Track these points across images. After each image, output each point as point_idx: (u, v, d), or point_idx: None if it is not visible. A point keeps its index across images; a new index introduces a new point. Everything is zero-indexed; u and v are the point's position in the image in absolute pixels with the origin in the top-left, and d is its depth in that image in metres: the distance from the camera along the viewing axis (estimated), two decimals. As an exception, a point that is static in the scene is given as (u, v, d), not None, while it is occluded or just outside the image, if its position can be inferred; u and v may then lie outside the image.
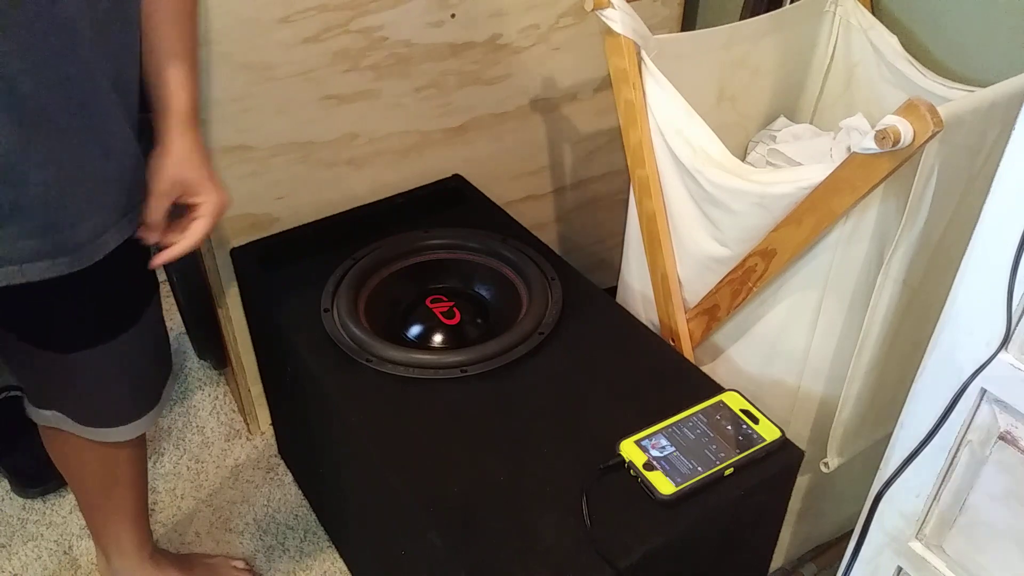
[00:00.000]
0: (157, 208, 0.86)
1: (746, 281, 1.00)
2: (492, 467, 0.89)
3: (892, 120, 0.77)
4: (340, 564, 1.30)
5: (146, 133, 0.87)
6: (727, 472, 0.86)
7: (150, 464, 1.45)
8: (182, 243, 0.88)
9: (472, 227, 1.20)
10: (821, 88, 1.28)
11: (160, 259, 0.89)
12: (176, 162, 0.86)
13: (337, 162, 1.28)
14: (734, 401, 0.93)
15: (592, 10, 1.02)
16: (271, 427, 1.49)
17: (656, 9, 1.46)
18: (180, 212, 0.89)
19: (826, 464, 1.02)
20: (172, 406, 1.56)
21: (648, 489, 0.84)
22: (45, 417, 0.98)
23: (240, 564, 1.26)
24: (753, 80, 1.23)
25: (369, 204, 1.31)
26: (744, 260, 0.99)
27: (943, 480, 0.78)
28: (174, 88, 0.85)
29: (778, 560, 1.23)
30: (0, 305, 0.84)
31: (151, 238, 0.88)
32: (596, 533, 0.81)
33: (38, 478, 1.38)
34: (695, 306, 1.10)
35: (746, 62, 1.21)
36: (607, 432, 0.90)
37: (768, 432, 0.90)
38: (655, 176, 1.07)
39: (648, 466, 0.86)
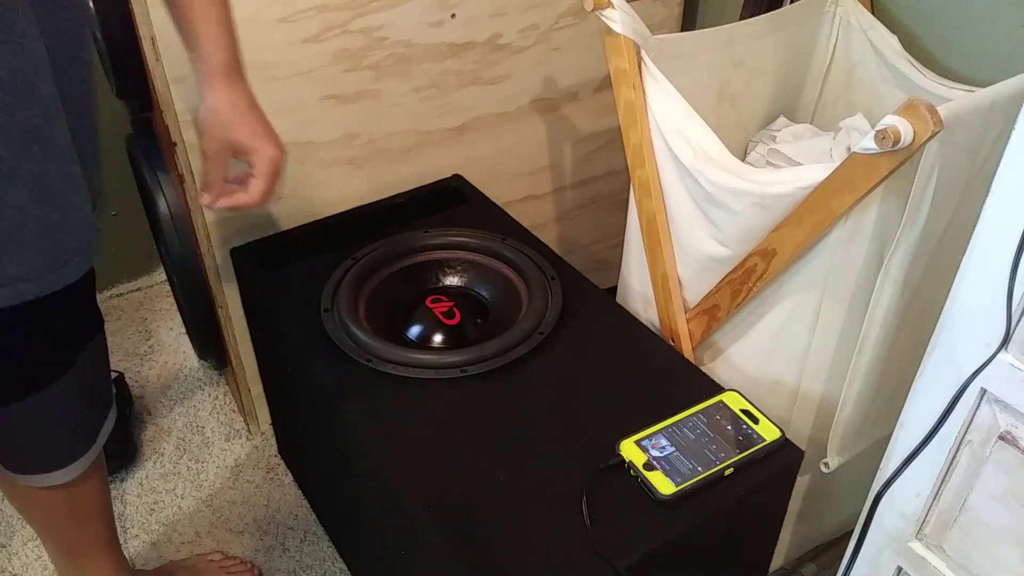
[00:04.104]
0: (210, 172, 0.83)
1: (746, 281, 1.00)
2: (492, 467, 0.89)
3: (892, 120, 0.77)
4: (340, 564, 1.30)
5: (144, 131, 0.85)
6: (727, 472, 0.86)
7: (150, 464, 1.45)
8: (238, 199, 0.85)
9: (472, 227, 1.20)
10: (821, 88, 1.28)
11: (220, 205, 0.86)
12: (218, 122, 0.82)
13: (337, 162, 1.28)
14: (734, 401, 0.93)
15: (592, 10, 1.02)
16: (271, 427, 1.49)
17: (656, 9, 1.46)
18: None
19: (826, 464, 1.02)
20: (172, 406, 1.56)
21: (648, 489, 0.84)
22: (69, 475, 0.93)
23: (216, 556, 1.26)
24: (753, 80, 1.23)
25: (369, 204, 1.31)
26: (744, 260, 0.99)
27: (943, 480, 0.78)
28: (203, 39, 0.80)
29: (778, 560, 1.23)
30: None
31: (205, 200, 0.85)
32: (596, 533, 0.81)
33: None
34: (695, 306, 1.10)
35: (746, 62, 1.21)
36: (607, 432, 0.90)
37: (768, 432, 0.90)
38: (655, 176, 1.07)
39: (648, 466, 0.86)
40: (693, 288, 1.10)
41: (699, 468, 0.86)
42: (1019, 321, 0.67)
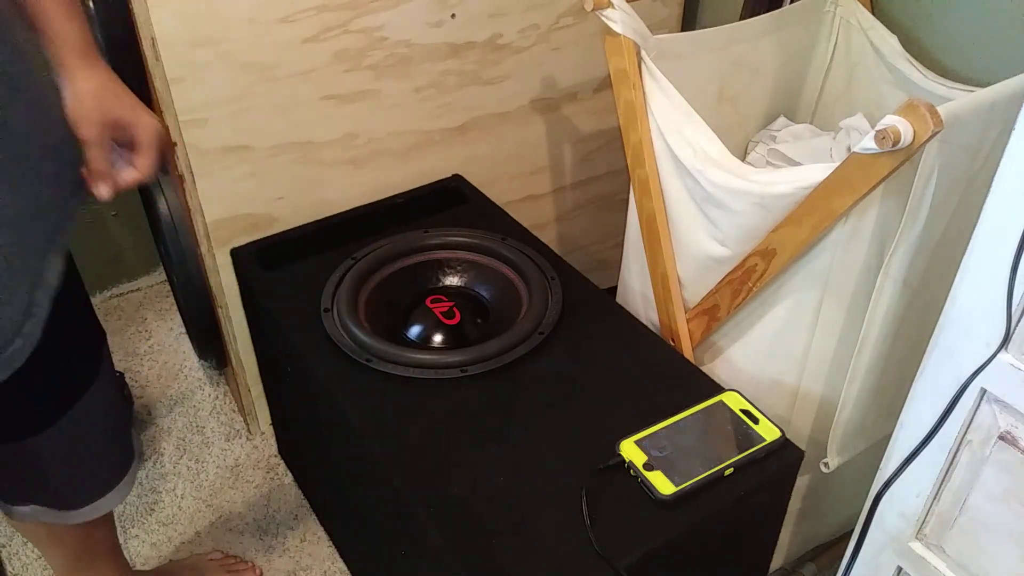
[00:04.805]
0: (96, 159, 0.78)
1: (746, 281, 1.00)
2: (492, 467, 0.89)
3: (892, 120, 0.77)
4: (340, 564, 1.30)
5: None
6: (727, 472, 0.86)
7: (150, 464, 1.45)
8: (128, 177, 0.81)
9: (472, 227, 1.20)
10: (821, 88, 1.28)
11: (104, 192, 0.80)
12: (96, 101, 0.77)
13: (337, 162, 1.28)
14: (734, 401, 0.93)
15: (592, 10, 1.02)
16: (271, 427, 1.49)
17: (656, 9, 1.46)
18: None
19: (826, 464, 1.02)
20: (172, 406, 1.56)
21: (648, 489, 0.84)
22: (23, 514, 0.91)
23: (216, 556, 1.26)
24: (753, 80, 1.23)
25: (369, 204, 1.31)
26: (744, 260, 0.99)
27: (943, 480, 0.78)
28: (54, 21, 0.76)
29: (778, 560, 1.23)
30: None
31: (103, 192, 0.80)
32: (596, 533, 0.81)
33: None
34: (695, 306, 1.10)
35: (746, 62, 1.21)
36: (607, 432, 0.90)
37: (768, 432, 0.90)
38: (655, 176, 1.07)
39: (648, 466, 0.86)
40: (693, 288, 1.10)
41: (699, 468, 0.86)
42: (1019, 321, 0.67)
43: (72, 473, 0.91)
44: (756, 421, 0.91)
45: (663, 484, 0.84)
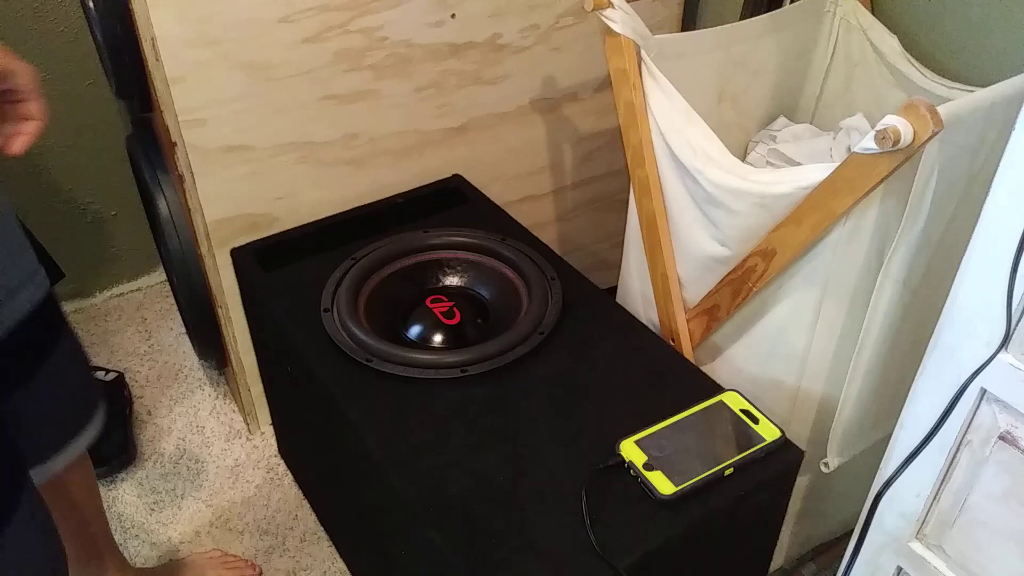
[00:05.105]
0: None
1: (746, 281, 1.00)
2: (492, 467, 0.89)
3: (892, 120, 0.77)
4: (340, 564, 1.30)
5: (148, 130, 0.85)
6: (727, 472, 0.86)
7: (150, 464, 1.45)
8: (32, 128, 0.78)
9: (472, 227, 1.20)
10: (821, 88, 1.28)
11: (20, 148, 0.78)
12: None
13: (337, 162, 1.28)
14: (734, 401, 0.93)
15: (592, 10, 1.02)
16: (271, 427, 1.49)
17: (656, 9, 1.46)
18: None
19: (826, 464, 1.02)
20: (172, 406, 1.56)
21: (648, 489, 0.84)
22: (48, 470, 0.94)
23: (216, 554, 1.27)
24: (753, 80, 1.23)
25: (369, 204, 1.31)
26: (744, 260, 0.99)
27: (943, 480, 0.78)
28: None
29: (778, 560, 1.23)
30: None
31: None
32: (596, 533, 0.81)
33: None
34: (695, 306, 1.10)
35: (746, 62, 1.21)
36: (607, 432, 0.90)
37: (768, 432, 0.90)
38: (655, 176, 1.07)
39: (648, 466, 0.86)
40: (693, 288, 1.10)
41: (699, 468, 0.86)
42: (1019, 321, 0.67)
43: (49, 423, 0.93)
44: (756, 421, 0.91)
45: (663, 484, 0.84)
